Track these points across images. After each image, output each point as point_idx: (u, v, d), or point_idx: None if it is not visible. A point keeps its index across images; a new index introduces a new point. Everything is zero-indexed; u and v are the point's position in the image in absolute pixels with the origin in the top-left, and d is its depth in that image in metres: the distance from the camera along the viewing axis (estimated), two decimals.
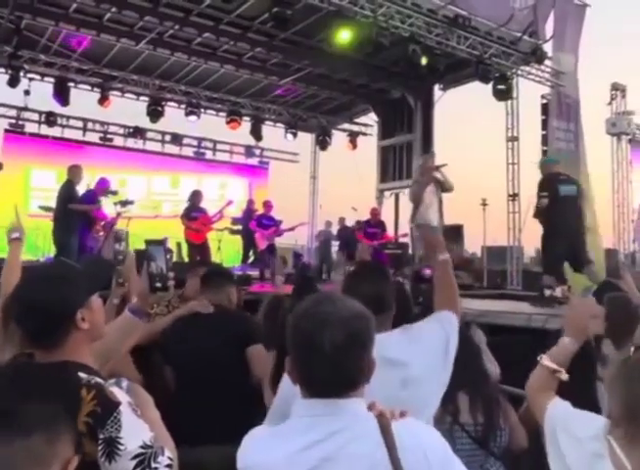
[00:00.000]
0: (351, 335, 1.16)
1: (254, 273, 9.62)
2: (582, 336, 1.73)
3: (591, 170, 9.76)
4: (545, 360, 1.67)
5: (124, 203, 7.57)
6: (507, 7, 8.79)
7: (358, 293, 1.50)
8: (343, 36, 7.44)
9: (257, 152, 14.83)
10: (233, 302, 2.90)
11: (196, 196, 8.91)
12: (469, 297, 6.08)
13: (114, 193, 7.77)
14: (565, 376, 1.63)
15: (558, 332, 2.31)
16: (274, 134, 13.87)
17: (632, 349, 1.81)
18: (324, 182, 15.00)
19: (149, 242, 1.85)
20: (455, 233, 9.65)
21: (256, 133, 13.09)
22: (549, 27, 9.52)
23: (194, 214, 8.64)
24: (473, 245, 12.74)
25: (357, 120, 13.96)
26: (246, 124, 12.93)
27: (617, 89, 12.73)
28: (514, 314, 4.21)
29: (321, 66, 10.73)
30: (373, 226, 9.56)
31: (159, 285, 1.78)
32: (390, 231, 10.66)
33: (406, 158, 11.73)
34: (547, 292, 2.93)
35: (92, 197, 7.22)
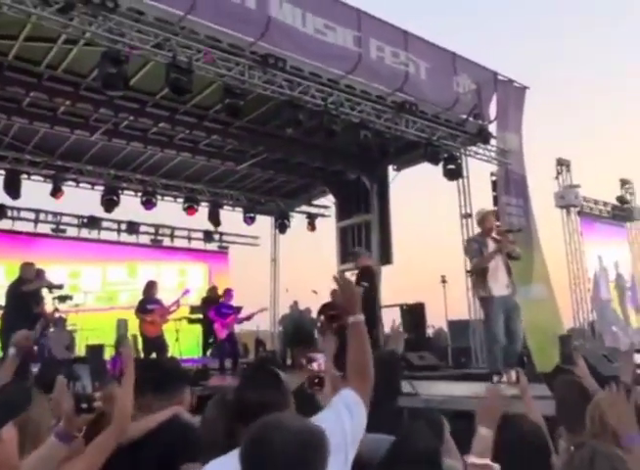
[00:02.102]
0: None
1: (215, 364, 9.38)
2: (495, 422, 1.74)
3: (544, 244, 10.12)
4: (472, 458, 1.65)
5: (63, 298, 7.45)
6: (452, 91, 9.35)
7: (243, 399, 1.47)
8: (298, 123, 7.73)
9: (216, 237, 14.86)
10: (187, 405, 2.61)
11: (150, 287, 8.82)
12: (434, 379, 6.03)
13: (60, 287, 7.60)
14: (496, 467, 1.62)
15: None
16: (232, 218, 14.01)
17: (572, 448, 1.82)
18: (286, 265, 15.05)
19: (73, 360, 1.82)
20: (416, 312, 9.73)
21: (214, 219, 13.18)
22: (493, 109, 10.16)
23: (149, 307, 8.52)
24: (437, 322, 12.81)
25: (315, 202, 14.27)
26: (203, 210, 13.05)
27: (563, 164, 13.41)
28: (476, 399, 4.15)
29: (277, 151, 11.09)
30: (333, 309, 9.53)
31: (84, 406, 1.71)
32: None
33: (365, 237, 11.95)
34: (495, 379, 2.88)
35: None
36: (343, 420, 1.60)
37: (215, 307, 9.75)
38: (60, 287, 7.58)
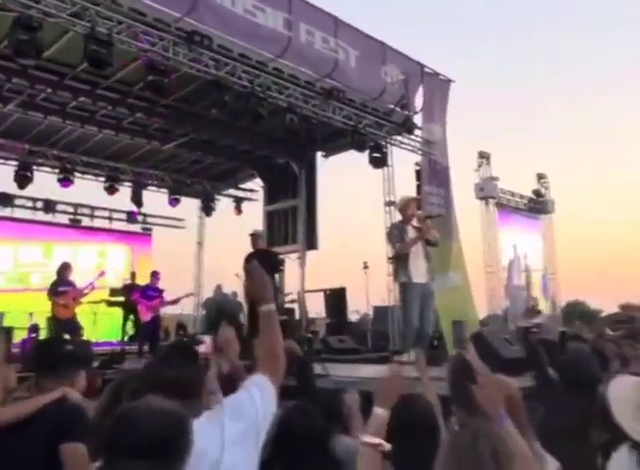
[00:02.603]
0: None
1: (134, 348, 9.21)
2: (391, 402, 1.80)
3: (463, 233, 10.52)
4: (366, 437, 1.71)
5: None
6: (380, 80, 9.47)
7: (160, 378, 1.47)
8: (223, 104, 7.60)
9: (140, 218, 14.44)
10: (80, 388, 2.54)
11: (64, 269, 8.57)
12: (351, 362, 6.17)
13: None
14: (387, 447, 1.68)
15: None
16: (157, 200, 13.66)
17: (456, 427, 1.92)
18: (211, 249, 14.86)
19: None
20: (338, 297, 9.89)
21: (137, 199, 12.78)
22: (419, 100, 10.39)
23: (61, 289, 8.28)
24: (360, 307, 13.07)
25: (243, 186, 14.13)
26: (126, 190, 12.64)
27: (483, 157, 13.99)
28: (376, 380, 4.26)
29: (204, 132, 10.87)
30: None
31: None
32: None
33: (292, 222, 11.99)
34: (395, 357, 3.03)
35: None
36: (255, 400, 1.66)
37: (141, 290, 9.58)
38: None
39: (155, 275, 9.84)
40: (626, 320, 10.26)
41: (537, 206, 15.72)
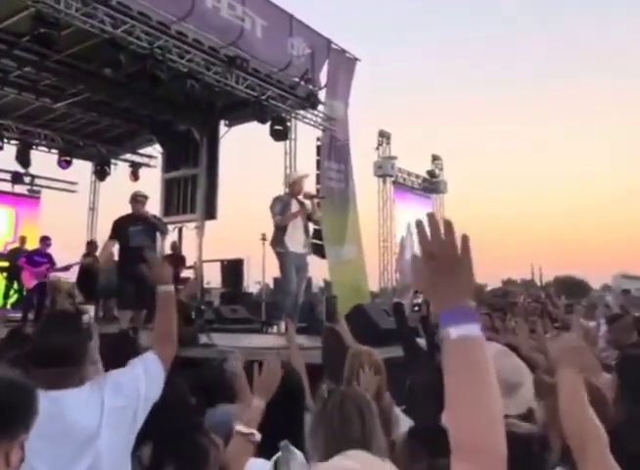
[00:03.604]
0: None
1: (16, 315, 8.76)
2: (269, 394, 1.87)
3: (360, 208, 10.87)
4: (239, 427, 1.79)
5: None
6: (286, 53, 9.44)
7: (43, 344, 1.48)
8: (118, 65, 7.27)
9: (27, 179, 13.54)
10: None
11: None
12: (241, 332, 6.27)
13: None
14: (257, 437, 1.78)
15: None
16: (47, 161, 12.87)
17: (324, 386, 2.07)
18: (105, 215, 14.27)
19: None
20: (235, 267, 9.92)
21: (24, 159, 11.99)
22: (324, 76, 10.48)
23: None
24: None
25: (141, 151, 13.64)
26: (11, 149, 11.81)
27: (384, 136, 14.45)
28: (265, 350, 4.38)
29: (100, 92, 10.33)
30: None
31: None
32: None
33: (191, 191, 11.77)
34: (265, 328, 3.27)
35: None
36: (139, 378, 1.70)
37: (27, 255, 9.07)
38: None
39: (44, 240, 9.31)
40: (501, 295, 11.15)
41: (431, 186, 16.51)
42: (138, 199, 6.67)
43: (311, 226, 7.08)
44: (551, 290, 16.67)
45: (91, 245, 10.51)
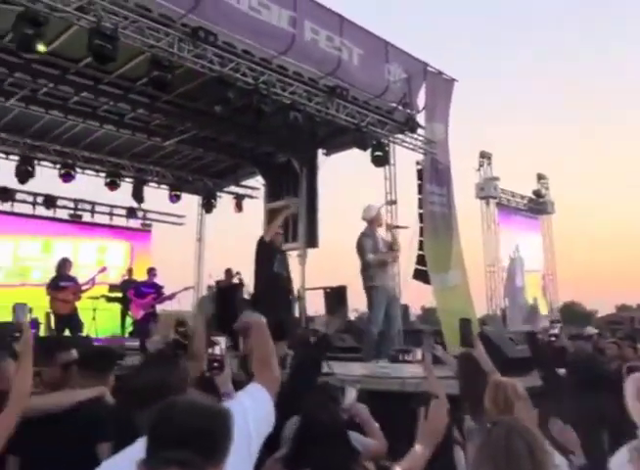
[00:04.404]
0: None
1: (134, 344, 9.18)
2: (434, 442, 1.76)
3: (463, 232, 10.52)
4: None
5: None
6: (383, 79, 9.47)
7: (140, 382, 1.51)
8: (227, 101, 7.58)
9: (140, 214, 14.43)
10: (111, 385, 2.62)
11: (64, 264, 8.54)
12: (350, 360, 6.18)
13: None
14: None
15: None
16: (157, 196, 13.65)
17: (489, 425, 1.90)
18: (211, 246, 14.86)
19: None
20: (339, 295, 9.88)
21: (138, 195, 12.80)
22: (421, 99, 10.38)
23: (62, 284, 8.23)
24: (360, 306, 13.07)
25: (243, 183, 14.12)
26: (127, 186, 12.64)
27: (485, 157, 14.05)
28: (389, 379, 4.28)
29: (206, 128, 10.86)
30: None
31: None
32: None
33: (292, 220, 11.96)
34: (400, 356, 3.11)
35: None
36: (246, 408, 1.64)
37: (135, 287, 9.54)
38: None
39: (151, 271, 9.77)
40: (622, 321, 10.31)
41: (537, 206, 15.77)
42: (279, 232, 6.93)
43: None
44: None
45: (229, 273, 10.38)
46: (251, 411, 1.64)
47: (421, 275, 9.75)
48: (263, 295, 6.51)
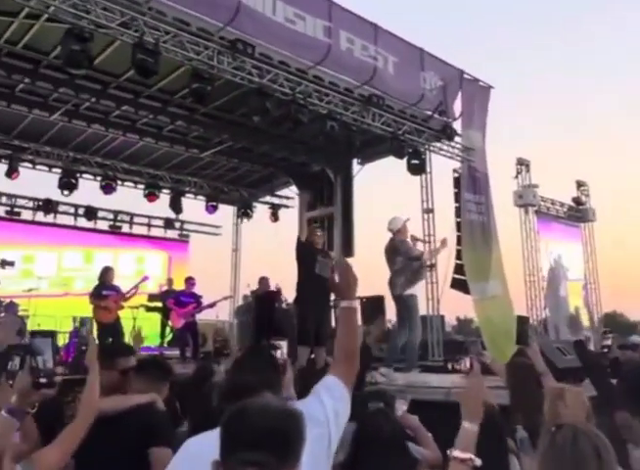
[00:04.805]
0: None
1: (174, 353, 9.31)
2: (479, 416, 1.73)
3: (502, 241, 10.35)
4: (455, 452, 1.67)
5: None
6: (418, 87, 9.43)
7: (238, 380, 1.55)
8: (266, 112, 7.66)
9: (177, 225, 14.68)
10: (164, 394, 2.72)
11: (106, 273, 8.70)
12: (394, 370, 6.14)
13: (10, 264, 7.45)
14: (478, 462, 1.64)
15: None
16: (194, 207, 13.87)
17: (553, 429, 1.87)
18: (247, 256, 14.99)
19: (35, 333, 1.81)
20: (377, 305, 9.83)
21: (176, 206, 13.01)
22: (458, 107, 10.30)
23: (104, 293, 8.42)
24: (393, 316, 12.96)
25: (279, 193, 14.23)
26: (165, 197, 12.87)
27: (523, 164, 13.81)
28: (434, 389, 4.25)
29: (242, 139, 11.00)
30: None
31: (44, 381, 1.67)
32: None
33: (327, 230, 11.97)
34: (449, 365, 3.09)
35: None
36: (325, 405, 1.62)
37: (174, 296, 9.69)
38: (10, 264, 7.41)
39: (189, 281, 9.91)
40: None
41: (577, 214, 15.43)
42: (318, 232, 7.03)
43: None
44: None
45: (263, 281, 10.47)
46: (330, 406, 1.61)
47: (460, 285, 9.62)
48: (304, 297, 6.52)
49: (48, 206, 12.52)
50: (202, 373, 2.97)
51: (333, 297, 6.89)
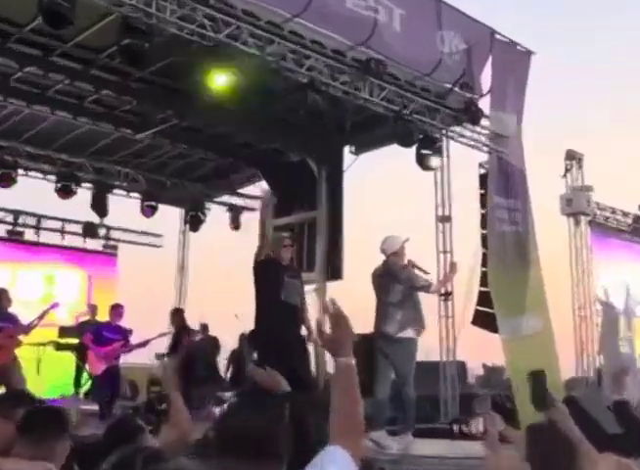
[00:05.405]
0: None
1: (93, 408, 9.19)
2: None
3: (544, 261, 10.35)
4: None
5: None
6: (434, 50, 9.41)
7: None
8: (220, 80, 7.64)
9: (101, 232, 14.57)
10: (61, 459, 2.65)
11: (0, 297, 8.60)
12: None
13: None
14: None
15: None
16: (125, 207, 13.79)
17: None
18: (197, 276, 14.91)
19: None
20: (370, 345, 9.80)
21: (100, 206, 12.91)
22: (487, 79, 10.30)
23: None
24: None
25: (242, 191, 14.21)
26: (84, 193, 12.78)
27: (573, 158, 13.78)
28: (440, 459, 4.24)
29: (192, 117, 10.94)
30: None
31: None
32: None
33: (307, 242, 11.93)
34: (455, 427, 3.07)
35: None
36: None
37: (94, 330, 9.56)
38: None
39: (115, 309, 9.74)
40: None
41: None
42: (286, 243, 7.00)
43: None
44: None
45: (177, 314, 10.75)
46: None
47: (484, 320, 9.63)
48: (265, 332, 6.50)
49: None
50: (115, 435, 2.89)
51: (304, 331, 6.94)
